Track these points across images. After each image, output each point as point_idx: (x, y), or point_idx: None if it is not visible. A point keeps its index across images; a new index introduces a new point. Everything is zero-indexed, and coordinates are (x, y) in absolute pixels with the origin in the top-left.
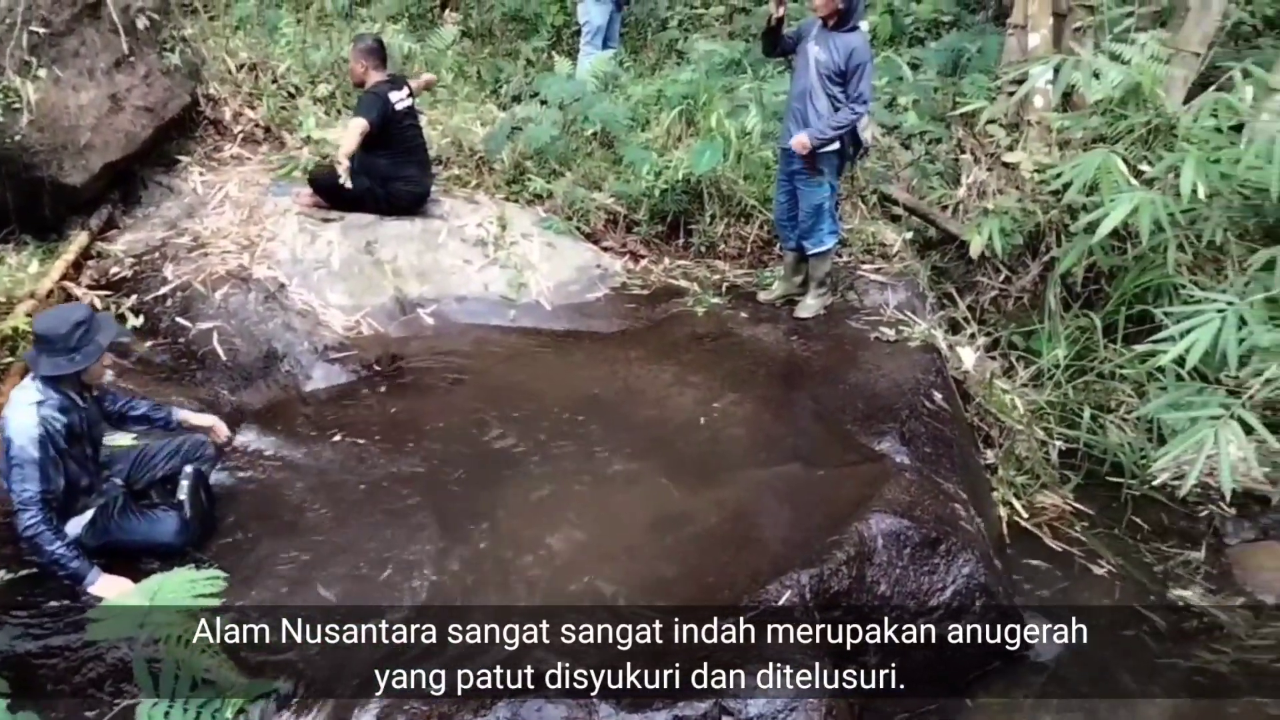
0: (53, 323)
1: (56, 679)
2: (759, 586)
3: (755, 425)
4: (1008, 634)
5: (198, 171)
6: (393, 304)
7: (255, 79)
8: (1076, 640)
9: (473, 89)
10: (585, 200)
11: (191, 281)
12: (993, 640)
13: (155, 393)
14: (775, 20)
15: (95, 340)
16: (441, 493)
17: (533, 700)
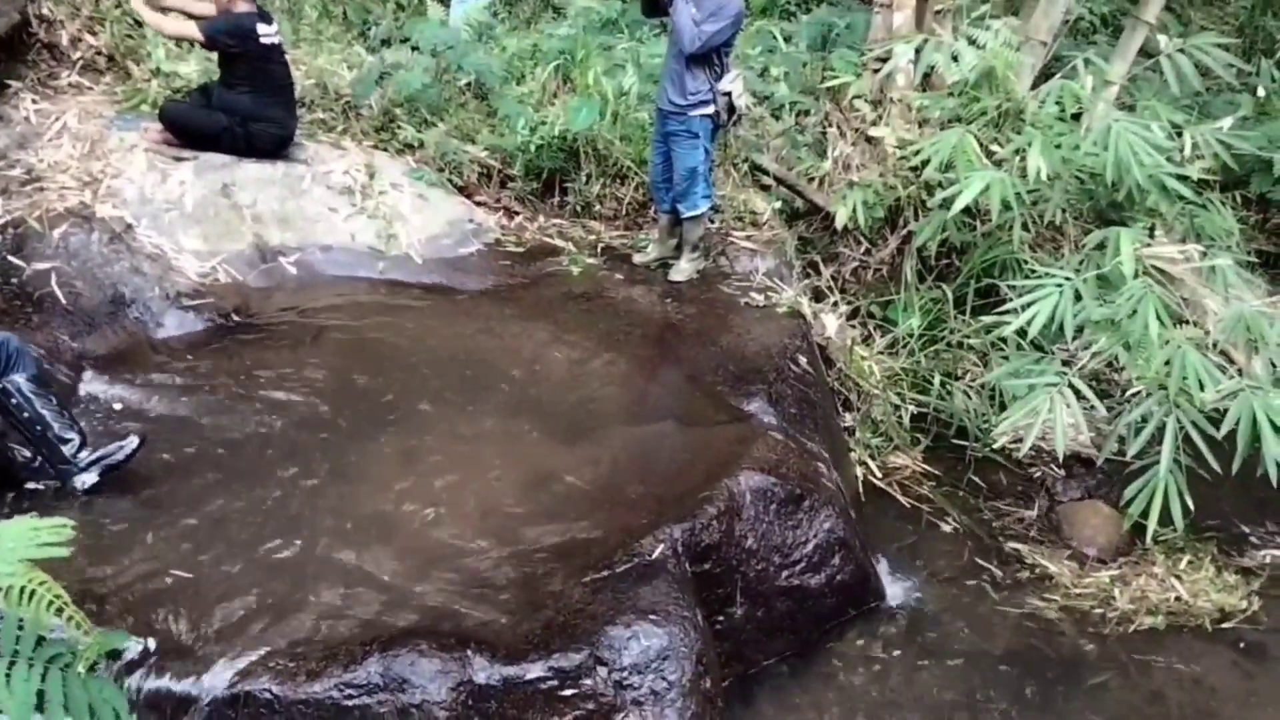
0: None
1: None
2: (633, 541)
3: (629, 385)
4: (862, 585)
5: (30, 99)
6: (252, 251)
7: (96, 2)
8: (924, 590)
9: (339, 30)
10: (458, 152)
11: (25, 218)
12: (849, 591)
13: None
14: None
15: None
16: (303, 447)
17: (405, 654)
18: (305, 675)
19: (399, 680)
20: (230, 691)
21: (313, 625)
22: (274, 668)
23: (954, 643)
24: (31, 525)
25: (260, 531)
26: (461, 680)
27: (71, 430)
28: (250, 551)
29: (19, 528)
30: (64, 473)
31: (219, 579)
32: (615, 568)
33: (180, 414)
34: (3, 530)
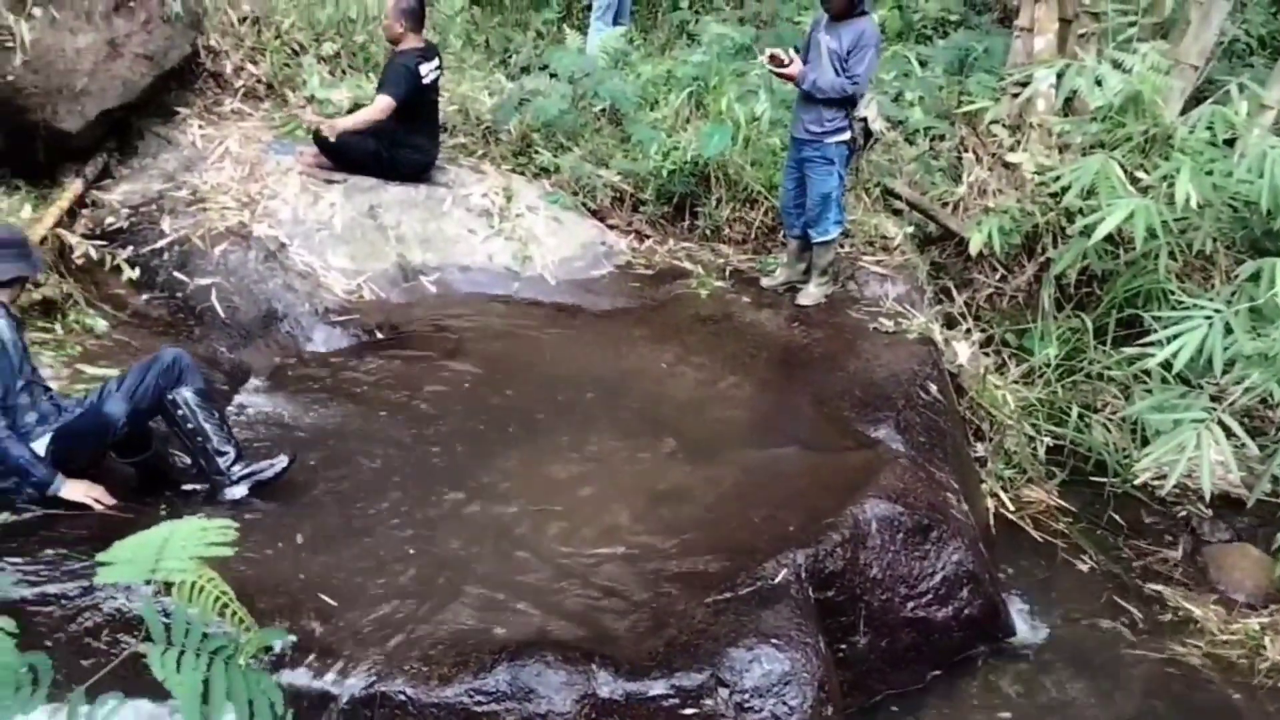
0: (3, 230)
1: (52, 627)
2: (755, 564)
3: (754, 408)
4: (991, 620)
5: (197, 125)
6: (395, 270)
7: (258, 33)
8: (1057, 629)
9: (481, 58)
10: (592, 177)
11: (190, 236)
12: (977, 626)
13: (152, 346)
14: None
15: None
16: (439, 459)
17: (532, 664)
18: (438, 680)
19: (526, 690)
20: (367, 691)
21: (445, 631)
22: (408, 671)
23: (1087, 686)
24: (200, 525)
25: (397, 538)
26: (586, 693)
27: (229, 444)
28: (387, 557)
29: (189, 527)
30: (217, 483)
31: (357, 582)
32: (738, 590)
33: (326, 424)
34: (174, 529)
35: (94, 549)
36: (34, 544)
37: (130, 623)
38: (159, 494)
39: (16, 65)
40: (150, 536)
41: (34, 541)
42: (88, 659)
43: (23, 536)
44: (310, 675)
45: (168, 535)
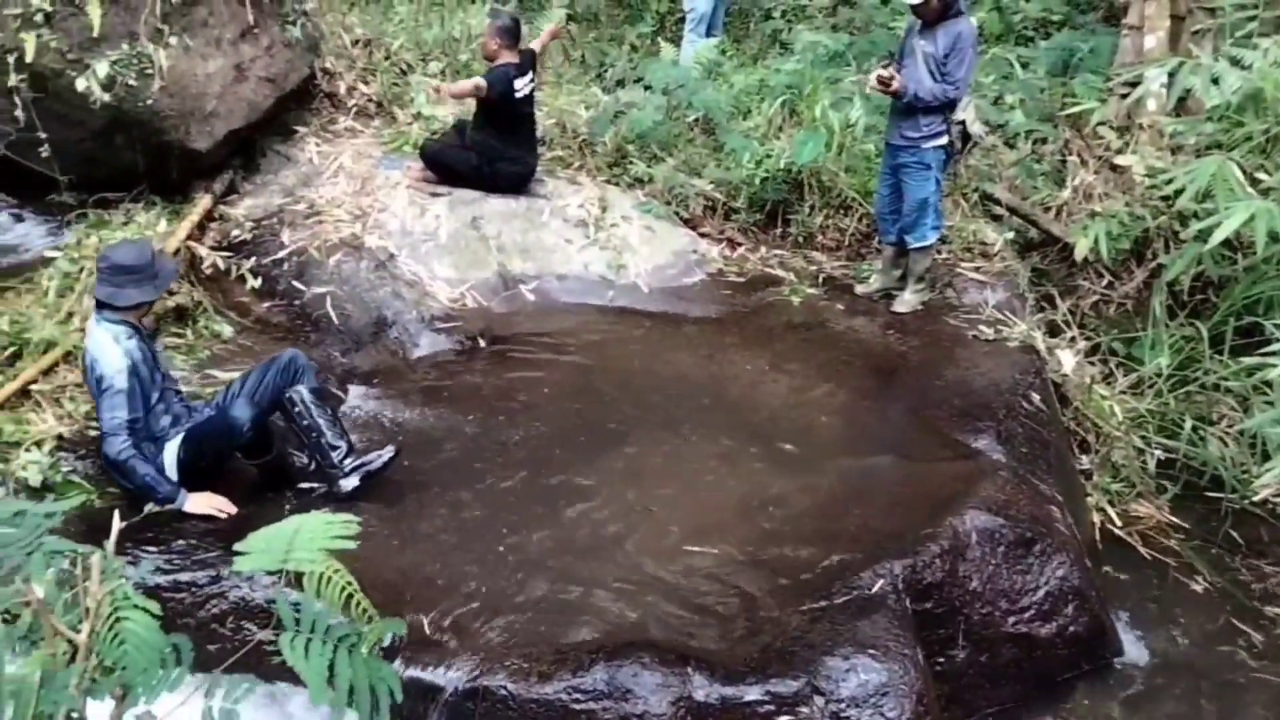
0: (132, 253)
1: (183, 613)
2: (852, 573)
3: (849, 416)
4: (1097, 639)
5: (314, 142)
6: (496, 279)
7: (369, 55)
8: (1167, 651)
9: (577, 72)
10: (685, 186)
11: (307, 247)
12: (1082, 644)
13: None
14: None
15: (167, 267)
16: (538, 462)
17: (629, 665)
18: (537, 676)
19: (623, 690)
20: (470, 685)
21: (544, 629)
22: (509, 667)
23: (1200, 710)
24: (326, 520)
25: (498, 537)
26: (681, 695)
27: (341, 439)
28: (489, 555)
29: (315, 521)
30: (330, 476)
31: (461, 579)
32: (833, 598)
33: (430, 426)
34: (302, 523)
35: (221, 541)
36: (167, 535)
37: (253, 611)
38: (281, 493)
39: (155, 90)
40: (281, 529)
41: (167, 533)
42: (215, 644)
43: (157, 528)
44: (417, 667)
45: (296, 528)
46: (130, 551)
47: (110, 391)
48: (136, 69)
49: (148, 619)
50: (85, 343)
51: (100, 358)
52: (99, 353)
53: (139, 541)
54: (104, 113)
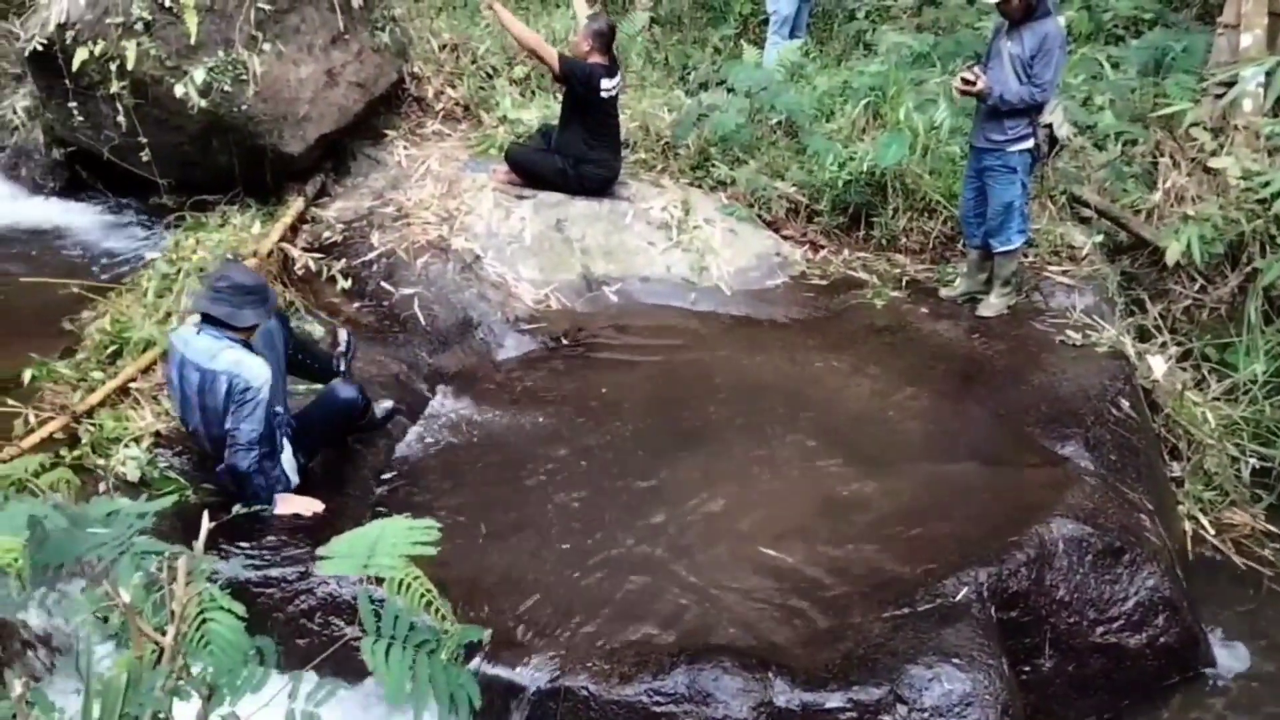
0: (250, 275)
1: (272, 608)
2: (935, 580)
3: (932, 420)
4: (1189, 650)
5: (402, 145)
6: (580, 281)
7: (456, 59)
8: (1263, 662)
9: (661, 75)
10: (768, 188)
11: (395, 249)
12: (1173, 655)
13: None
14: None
15: (272, 291)
16: (618, 463)
17: (710, 669)
18: (618, 678)
19: (703, 694)
20: (552, 685)
21: (624, 631)
22: (590, 668)
23: None
24: (407, 525)
25: (578, 537)
26: (762, 700)
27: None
28: (569, 555)
29: (396, 526)
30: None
31: (542, 579)
32: (916, 606)
33: (513, 425)
34: (385, 528)
35: (310, 538)
36: (258, 532)
37: (339, 607)
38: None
39: (250, 96)
40: (363, 534)
41: (258, 529)
42: (303, 638)
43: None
44: (500, 665)
45: (379, 534)
46: (221, 547)
47: (253, 404)
48: (232, 75)
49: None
50: (208, 364)
51: (243, 372)
52: (240, 367)
53: (230, 538)
54: (201, 118)
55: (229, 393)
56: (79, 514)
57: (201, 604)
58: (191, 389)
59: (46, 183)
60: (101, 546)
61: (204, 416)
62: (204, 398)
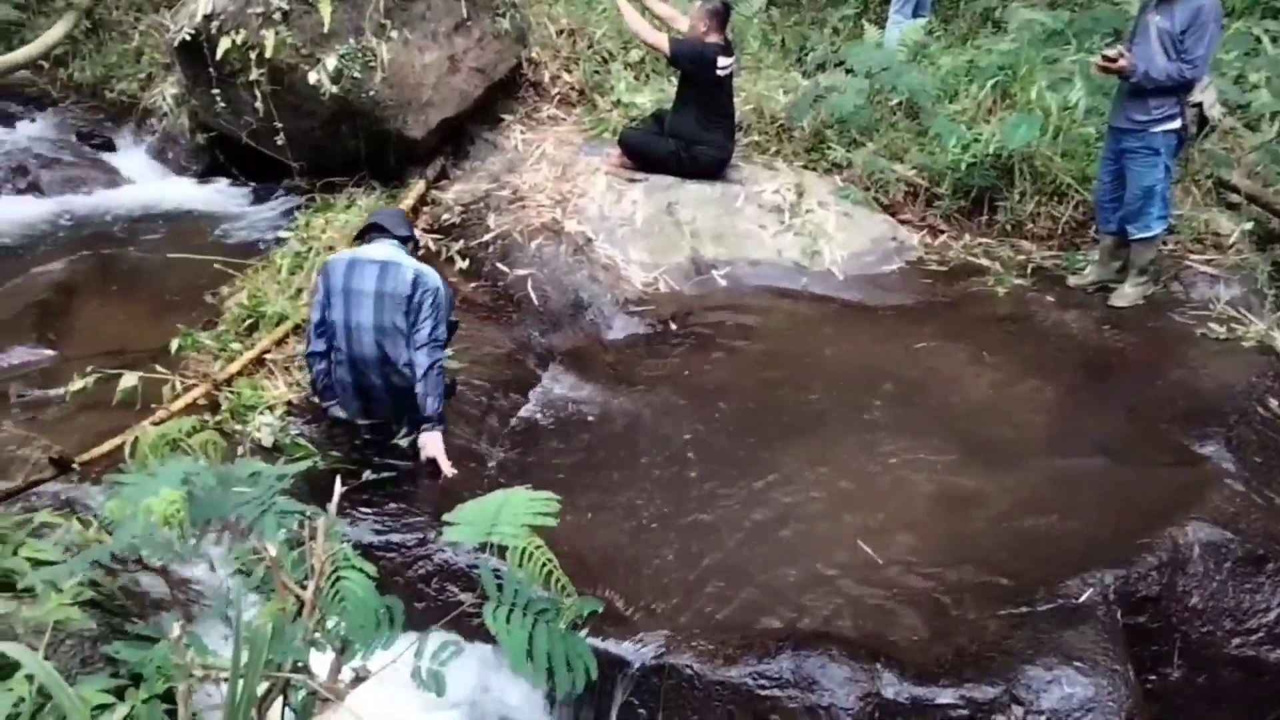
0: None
1: (392, 572)
2: (1057, 580)
3: (1056, 414)
4: None
5: (519, 130)
6: (689, 264)
7: (573, 44)
8: None
9: (777, 57)
10: (885, 171)
11: (510, 231)
12: None
13: (478, 330)
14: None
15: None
16: (724, 447)
17: (817, 656)
18: (723, 659)
19: (809, 680)
20: (657, 661)
21: (730, 613)
22: (695, 647)
23: None
24: (529, 497)
25: (684, 520)
26: (869, 691)
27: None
28: (675, 537)
29: (518, 497)
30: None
31: (647, 559)
32: (1035, 605)
33: (619, 407)
34: (507, 499)
35: (428, 506)
36: (381, 499)
37: (455, 574)
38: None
39: (377, 82)
40: (487, 503)
41: (381, 496)
42: (420, 602)
43: (372, 491)
44: (605, 640)
45: (501, 503)
46: (348, 513)
47: (436, 305)
48: (361, 62)
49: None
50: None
51: (436, 282)
52: (432, 277)
53: (355, 503)
54: (331, 103)
55: (430, 296)
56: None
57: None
58: (366, 282)
59: (190, 166)
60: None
61: (377, 304)
62: (382, 283)
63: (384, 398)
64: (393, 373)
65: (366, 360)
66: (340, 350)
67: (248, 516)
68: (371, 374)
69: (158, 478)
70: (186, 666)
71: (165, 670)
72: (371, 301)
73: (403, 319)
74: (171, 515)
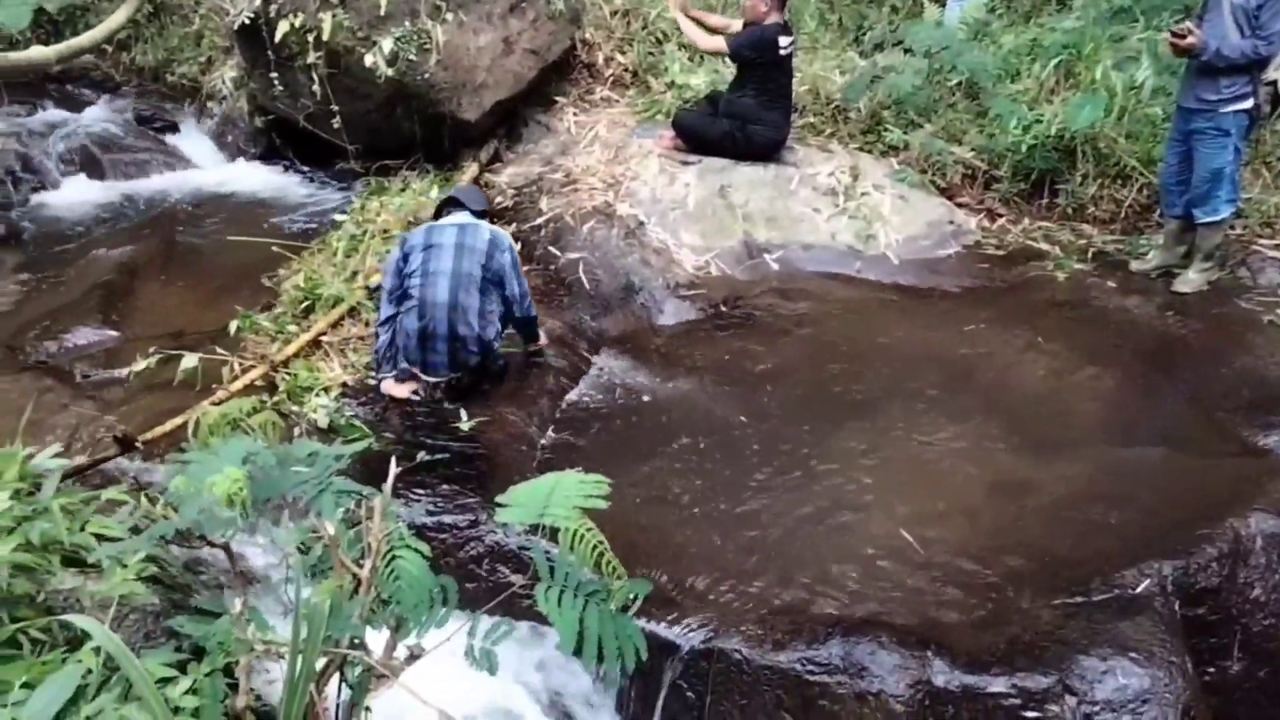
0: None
1: (444, 552)
2: (1113, 570)
3: (1115, 402)
4: None
5: (572, 112)
6: (741, 247)
7: (627, 25)
8: None
9: (834, 36)
10: (943, 153)
11: (562, 214)
12: None
13: None
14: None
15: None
16: (776, 432)
17: (866, 643)
18: (772, 644)
19: (859, 666)
20: (705, 645)
21: (778, 598)
22: (744, 631)
23: None
24: (579, 479)
25: (733, 504)
26: (920, 679)
27: None
28: (724, 521)
29: (570, 480)
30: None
31: (696, 542)
32: (1090, 595)
33: (670, 391)
34: (558, 481)
35: (480, 488)
36: (433, 480)
37: (505, 555)
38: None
39: (432, 64)
40: (538, 485)
41: (434, 478)
42: (471, 583)
43: (425, 473)
44: (655, 623)
45: (553, 486)
46: (401, 494)
47: (516, 265)
48: (416, 44)
49: (419, 559)
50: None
51: (510, 243)
52: (506, 238)
53: (408, 485)
54: (387, 86)
55: (509, 256)
56: (284, 454)
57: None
58: (446, 236)
59: (248, 149)
60: (304, 484)
61: (457, 253)
62: (462, 237)
63: (444, 347)
64: (460, 320)
65: (437, 304)
66: (413, 298)
67: (306, 496)
68: (439, 319)
69: (220, 457)
70: (248, 641)
71: (226, 645)
72: (451, 252)
73: (479, 270)
74: (234, 494)
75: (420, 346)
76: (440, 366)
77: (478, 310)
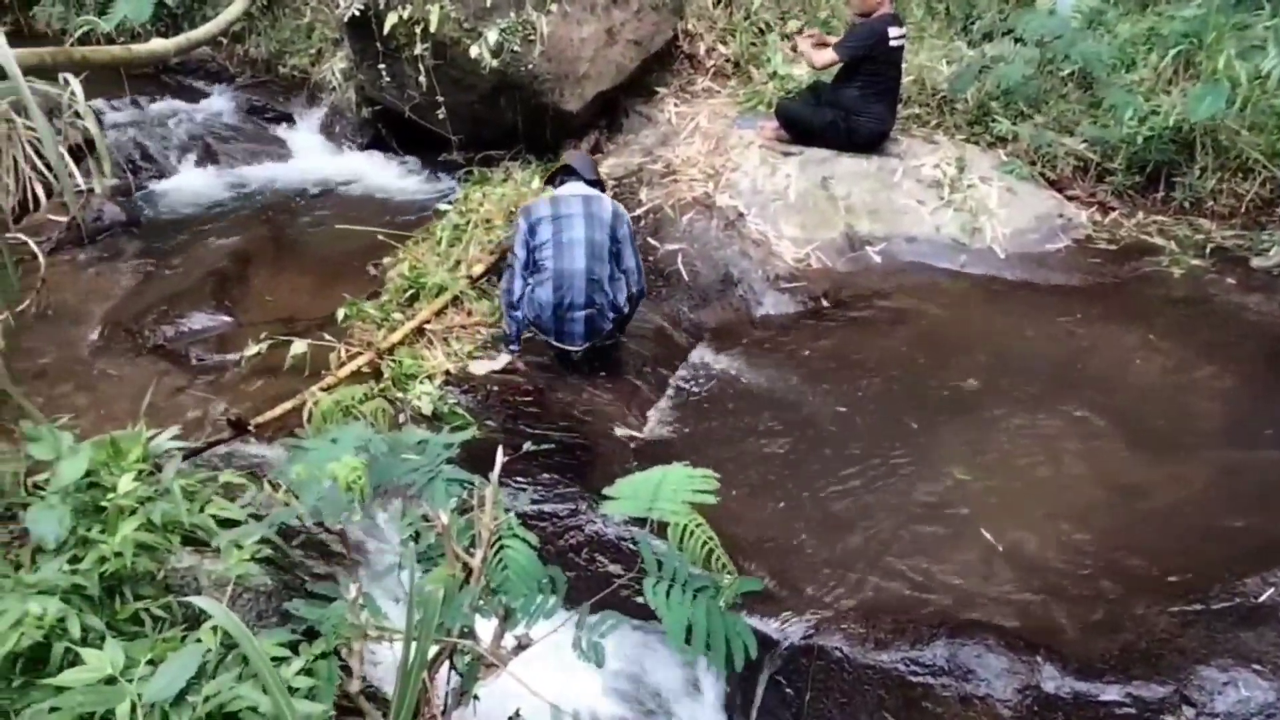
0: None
1: (544, 541)
2: (1234, 577)
3: (1234, 403)
4: None
5: (672, 103)
6: (842, 240)
7: (729, 15)
8: None
9: (941, 26)
10: (1054, 144)
11: (662, 205)
12: None
13: None
14: None
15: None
16: (878, 428)
17: (973, 645)
18: (874, 643)
19: (964, 669)
20: (806, 642)
21: (881, 596)
22: (845, 630)
23: None
24: (687, 474)
25: (834, 499)
26: (1028, 684)
27: None
28: (825, 517)
29: (679, 474)
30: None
31: (795, 538)
32: (1209, 603)
33: (769, 385)
34: (666, 474)
35: (579, 478)
36: (535, 469)
37: (605, 545)
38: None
39: (536, 56)
40: (646, 478)
41: (535, 467)
42: (571, 572)
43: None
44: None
45: (661, 479)
46: (505, 482)
47: (632, 236)
48: (521, 36)
49: (527, 549)
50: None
51: (627, 215)
52: (624, 210)
53: (510, 473)
54: (491, 77)
55: (627, 229)
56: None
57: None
58: (574, 206)
59: (355, 139)
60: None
61: (587, 221)
62: (588, 206)
63: (582, 316)
64: (595, 289)
65: (575, 273)
66: (546, 269)
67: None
68: (577, 289)
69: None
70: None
71: (340, 628)
72: (582, 220)
73: (607, 239)
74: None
75: (555, 316)
76: (577, 337)
77: (612, 275)
